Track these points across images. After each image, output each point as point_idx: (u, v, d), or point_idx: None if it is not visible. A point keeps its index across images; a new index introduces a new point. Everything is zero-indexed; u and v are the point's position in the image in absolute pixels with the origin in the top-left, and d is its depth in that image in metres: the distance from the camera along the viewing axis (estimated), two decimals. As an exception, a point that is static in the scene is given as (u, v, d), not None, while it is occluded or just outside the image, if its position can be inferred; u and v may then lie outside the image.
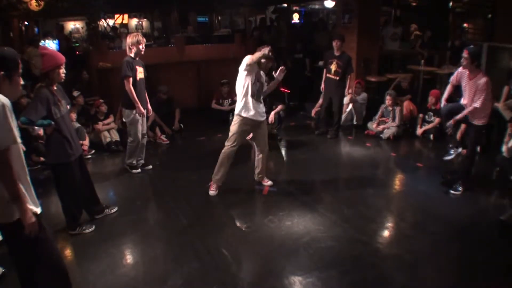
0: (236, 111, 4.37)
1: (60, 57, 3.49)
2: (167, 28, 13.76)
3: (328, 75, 6.47)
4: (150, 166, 5.40)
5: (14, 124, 2.07)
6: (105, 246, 3.61)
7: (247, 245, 3.63)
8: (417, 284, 3.10)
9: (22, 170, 2.18)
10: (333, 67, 6.36)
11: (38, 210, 2.26)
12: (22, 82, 2.22)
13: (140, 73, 4.92)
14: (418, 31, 9.77)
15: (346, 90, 6.48)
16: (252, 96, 4.27)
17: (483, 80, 4.26)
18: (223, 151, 4.44)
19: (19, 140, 2.10)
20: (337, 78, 6.34)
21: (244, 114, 4.31)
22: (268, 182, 4.77)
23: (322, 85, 6.63)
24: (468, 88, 4.43)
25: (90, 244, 3.64)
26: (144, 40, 4.98)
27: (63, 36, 10.70)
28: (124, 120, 5.17)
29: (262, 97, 4.43)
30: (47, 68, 3.42)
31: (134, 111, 4.90)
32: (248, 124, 4.36)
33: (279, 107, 6.07)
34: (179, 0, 10.35)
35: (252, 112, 4.30)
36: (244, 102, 4.29)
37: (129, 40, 4.85)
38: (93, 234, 3.80)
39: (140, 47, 4.83)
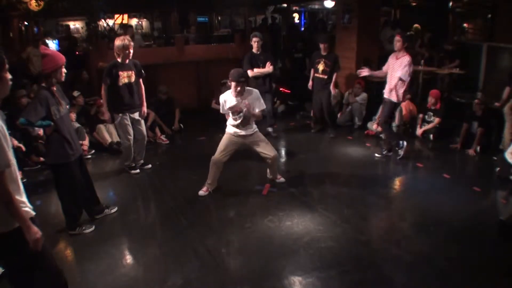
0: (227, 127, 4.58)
1: (61, 58, 3.50)
2: (167, 28, 13.75)
3: (316, 74, 6.54)
4: (150, 165, 5.40)
5: (8, 146, 2.02)
6: (105, 246, 3.61)
7: (247, 245, 3.63)
8: (417, 284, 3.10)
9: (14, 184, 2.10)
10: (320, 67, 6.41)
11: (33, 212, 2.21)
12: (10, 77, 2.13)
13: (128, 77, 4.82)
14: (418, 28, 9.79)
15: (332, 86, 6.46)
16: (235, 122, 4.43)
17: (408, 58, 5.09)
18: (212, 158, 4.51)
19: (13, 162, 2.04)
20: (325, 77, 6.41)
21: (229, 130, 4.52)
22: (281, 179, 4.85)
23: (310, 83, 6.67)
24: (392, 67, 5.24)
25: (90, 244, 3.64)
26: (132, 44, 4.84)
27: (68, 37, 10.69)
28: (114, 122, 5.18)
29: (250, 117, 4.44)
30: (48, 69, 3.43)
31: (120, 114, 4.89)
32: (235, 136, 4.49)
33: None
34: (179, 0, 10.34)
35: (231, 130, 4.49)
36: (229, 120, 4.52)
37: (116, 44, 4.75)
38: (93, 234, 3.80)
39: (126, 52, 4.74)
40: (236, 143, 4.51)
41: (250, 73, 6.27)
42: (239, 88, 4.22)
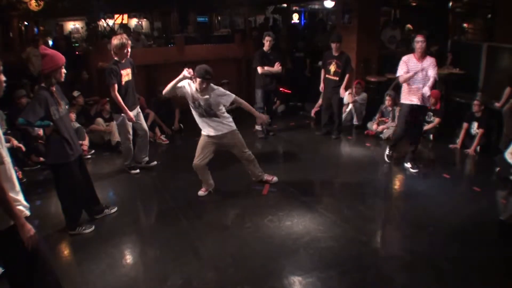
0: None
1: (61, 58, 3.50)
2: (167, 28, 13.76)
3: (327, 75, 6.45)
4: (155, 162, 5.42)
5: (1, 143, 2.04)
6: (105, 246, 3.61)
7: (247, 245, 3.62)
8: (417, 284, 3.10)
9: (9, 182, 2.11)
10: (332, 68, 6.34)
11: (28, 212, 2.22)
12: (4, 79, 2.15)
13: (127, 75, 4.84)
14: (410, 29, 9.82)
15: (342, 88, 6.39)
16: (200, 116, 4.37)
17: (434, 60, 4.86)
18: (192, 165, 4.47)
19: (8, 159, 2.06)
20: (337, 78, 6.31)
21: (203, 132, 4.45)
22: (273, 179, 4.78)
23: (322, 85, 6.62)
24: (415, 71, 4.88)
25: (90, 244, 3.64)
26: (130, 42, 4.82)
27: (62, 35, 10.71)
28: (115, 122, 5.18)
29: (216, 112, 4.32)
30: (48, 69, 3.43)
31: (122, 114, 4.89)
32: (208, 137, 4.40)
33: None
34: (179, 0, 10.36)
35: (205, 131, 4.41)
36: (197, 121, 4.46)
37: (113, 43, 4.72)
38: (93, 234, 3.80)
39: (125, 51, 4.73)
40: (211, 144, 4.41)
41: (260, 70, 6.32)
42: (204, 85, 4.16)
